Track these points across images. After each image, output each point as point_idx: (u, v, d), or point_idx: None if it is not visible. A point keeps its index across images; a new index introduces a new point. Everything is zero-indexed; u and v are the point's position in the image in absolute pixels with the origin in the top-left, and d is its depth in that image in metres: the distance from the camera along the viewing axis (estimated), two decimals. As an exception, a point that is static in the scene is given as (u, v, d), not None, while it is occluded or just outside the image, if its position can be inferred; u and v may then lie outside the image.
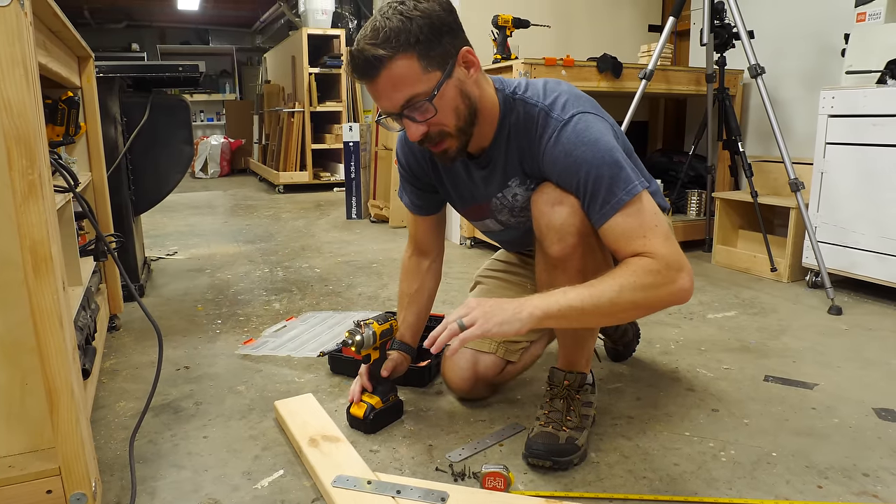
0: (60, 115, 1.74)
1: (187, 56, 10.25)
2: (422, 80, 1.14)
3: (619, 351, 1.86)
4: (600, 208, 1.17)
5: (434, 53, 1.14)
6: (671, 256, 1.12)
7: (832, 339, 2.07)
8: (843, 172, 2.51)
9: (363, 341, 1.40)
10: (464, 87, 1.19)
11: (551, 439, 1.30)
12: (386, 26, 1.10)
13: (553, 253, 1.24)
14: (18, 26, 0.87)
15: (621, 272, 1.12)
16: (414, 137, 1.19)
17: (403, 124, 1.20)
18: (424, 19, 1.12)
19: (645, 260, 1.12)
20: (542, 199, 1.25)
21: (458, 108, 1.19)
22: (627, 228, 1.15)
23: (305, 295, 2.61)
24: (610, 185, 1.15)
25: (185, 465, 1.33)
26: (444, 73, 1.15)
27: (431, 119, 1.17)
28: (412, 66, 1.12)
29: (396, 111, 1.17)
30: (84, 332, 1.49)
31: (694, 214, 3.46)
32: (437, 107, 1.16)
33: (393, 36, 1.10)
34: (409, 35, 1.10)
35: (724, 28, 2.87)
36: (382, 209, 4.41)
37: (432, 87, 1.14)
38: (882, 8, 2.48)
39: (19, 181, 0.90)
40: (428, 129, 1.19)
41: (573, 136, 1.19)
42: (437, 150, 1.24)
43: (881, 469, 1.30)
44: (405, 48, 1.11)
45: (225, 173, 8.23)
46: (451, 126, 1.20)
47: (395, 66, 1.11)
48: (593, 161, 1.16)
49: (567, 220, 1.21)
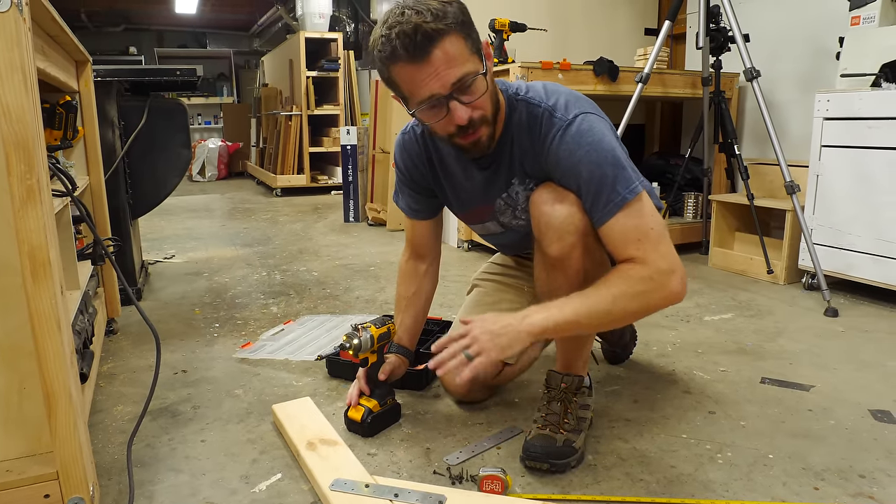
0: (58, 120, 1.74)
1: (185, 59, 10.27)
2: (470, 59, 1.15)
3: (617, 353, 1.87)
4: (604, 206, 1.18)
5: (473, 37, 1.16)
6: (662, 261, 1.15)
7: (828, 340, 2.08)
8: (839, 175, 2.52)
9: (361, 345, 1.40)
10: (493, 78, 1.22)
11: (548, 442, 1.30)
12: (428, 8, 1.10)
13: (552, 252, 1.25)
14: (17, 32, 0.88)
15: (614, 281, 1.15)
16: (461, 120, 1.16)
17: (451, 107, 1.15)
18: (458, 6, 1.14)
19: (636, 268, 1.14)
20: (541, 199, 1.26)
21: (493, 94, 1.22)
22: (626, 229, 1.17)
23: (303, 298, 2.61)
24: (613, 183, 1.17)
25: (183, 469, 1.33)
26: (481, 57, 1.17)
27: (477, 101, 1.17)
28: (462, 44, 1.13)
29: (446, 91, 1.14)
30: (82, 336, 1.49)
31: (690, 217, 3.47)
32: (487, 84, 1.17)
33: (442, 15, 1.10)
34: (455, 16, 1.12)
35: (719, 32, 2.89)
36: (380, 212, 4.41)
37: (479, 67, 1.16)
38: (876, 12, 2.49)
39: (18, 186, 0.90)
40: (472, 114, 1.18)
41: (577, 135, 1.20)
42: (473, 137, 1.22)
43: (877, 470, 1.30)
44: (455, 27, 1.12)
45: (222, 176, 8.23)
46: (489, 111, 1.21)
47: (449, 42, 1.11)
48: (597, 160, 1.18)
49: (566, 220, 1.22)
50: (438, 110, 1.18)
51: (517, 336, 1.14)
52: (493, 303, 1.60)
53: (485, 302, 1.62)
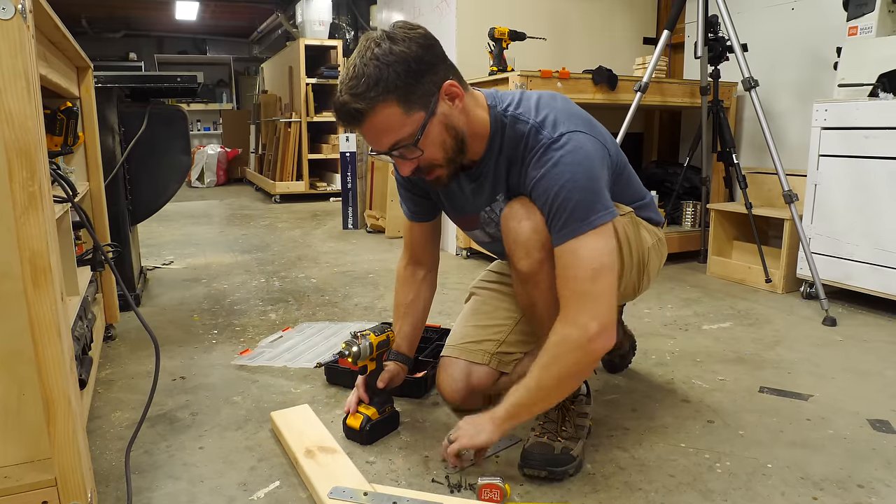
0: (59, 126, 1.74)
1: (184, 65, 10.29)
2: (405, 123, 1.17)
3: (615, 363, 1.87)
4: (559, 230, 1.20)
5: (415, 96, 1.16)
6: (590, 324, 1.17)
7: (827, 350, 2.08)
8: (837, 184, 2.53)
9: (360, 352, 1.40)
10: (449, 121, 1.22)
11: (546, 450, 1.30)
12: (364, 73, 1.12)
13: (521, 268, 1.27)
14: (21, 39, 0.88)
15: (550, 360, 1.21)
16: (405, 173, 1.25)
17: (394, 162, 1.25)
18: (401, 65, 1.13)
19: (566, 342, 1.19)
20: (510, 215, 1.28)
21: (444, 143, 1.23)
22: (571, 262, 1.19)
23: (302, 305, 2.61)
24: (574, 209, 1.18)
25: (181, 477, 1.33)
26: (427, 111, 1.18)
27: (420, 157, 1.22)
28: (393, 112, 1.15)
29: (385, 151, 1.21)
30: (81, 343, 1.49)
31: (689, 225, 3.47)
32: (423, 147, 1.20)
33: (372, 85, 1.12)
34: (388, 83, 1.12)
35: (717, 41, 2.90)
36: (379, 219, 4.41)
37: (416, 130, 1.18)
38: (873, 22, 2.51)
39: (20, 193, 0.90)
40: (418, 164, 1.24)
41: (556, 154, 1.20)
42: (429, 178, 1.29)
43: (876, 480, 1.30)
44: (384, 96, 1.13)
45: (221, 182, 8.24)
46: (439, 159, 1.24)
47: (376, 116, 1.15)
48: (567, 183, 1.18)
49: (531, 237, 1.24)
50: (390, 157, 1.25)
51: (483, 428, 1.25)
52: (490, 311, 1.61)
53: (482, 311, 1.62)
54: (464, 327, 1.61)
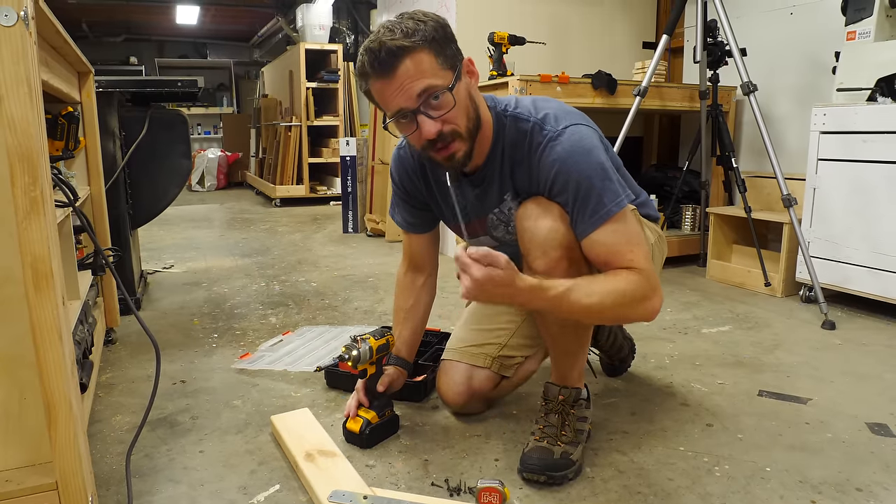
0: (60, 130, 1.75)
1: (185, 69, 10.31)
2: (438, 74, 1.17)
3: (615, 366, 1.87)
4: (589, 217, 1.20)
5: (446, 55, 1.18)
6: (653, 276, 1.20)
7: (826, 353, 2.09)
8: (836, 188, 2.53)
9: (360, 356, 1.40)
10: (471, 94, 1.24)
11: (546, 454, 1.31)
12: (401, 26, 1.15)
13: (538, 268, 1.25)
14: (23, 45, 0.89)
15: (615, 278, 1.18)
16: (429, 134, 1.18)
17: (419, 121, 1.17)
18: (435, 23, 1.17)
19: (634, 274, 1.18)
20: (525, 214, 1.27)
21: (468, 110, 1.23)
22: (615, 241, 1.20)
23: (302, 309, 2.61)
24: (600, 195, 1.19)
25: (181, 480, 1.33)
26: (455, 74, 1.19)
27: (447, 115, 1.18)
28: (430, 59, 1.16)
29: (413, 105, 1.16)
30: (81, 346, 1.49)
31: (688, 229, 3.48)
32: (455, 99, 1.18)
33: (411, 33, 1.14)
34: (425, 33, 1.15)
35: (716, 46, 2.91)
36: (379, 223, 4.42)
37: (447, 82, 1.18)
38: (871, 27, 2.52)
39: (22, 198, 0.91)
40: (441, 129, 1.19)
41: (567, 145, 1.21)
42: (446, 153, 1.22)
43: (874, 484, 1.31)
44: (423, 43, 1.15)
45: (221, 186, 8.25)
46: (462, 126, 1.21)
47: (415, 57, 1.15)
48: (584, 171, 1.20)
49: (549, 235, 1.23)
50: (409, 124, 1.20)
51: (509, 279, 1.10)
52: (492, 315, 1.61)
53: (483, 314, 1.62)
54: (465, 331, 1.61)
